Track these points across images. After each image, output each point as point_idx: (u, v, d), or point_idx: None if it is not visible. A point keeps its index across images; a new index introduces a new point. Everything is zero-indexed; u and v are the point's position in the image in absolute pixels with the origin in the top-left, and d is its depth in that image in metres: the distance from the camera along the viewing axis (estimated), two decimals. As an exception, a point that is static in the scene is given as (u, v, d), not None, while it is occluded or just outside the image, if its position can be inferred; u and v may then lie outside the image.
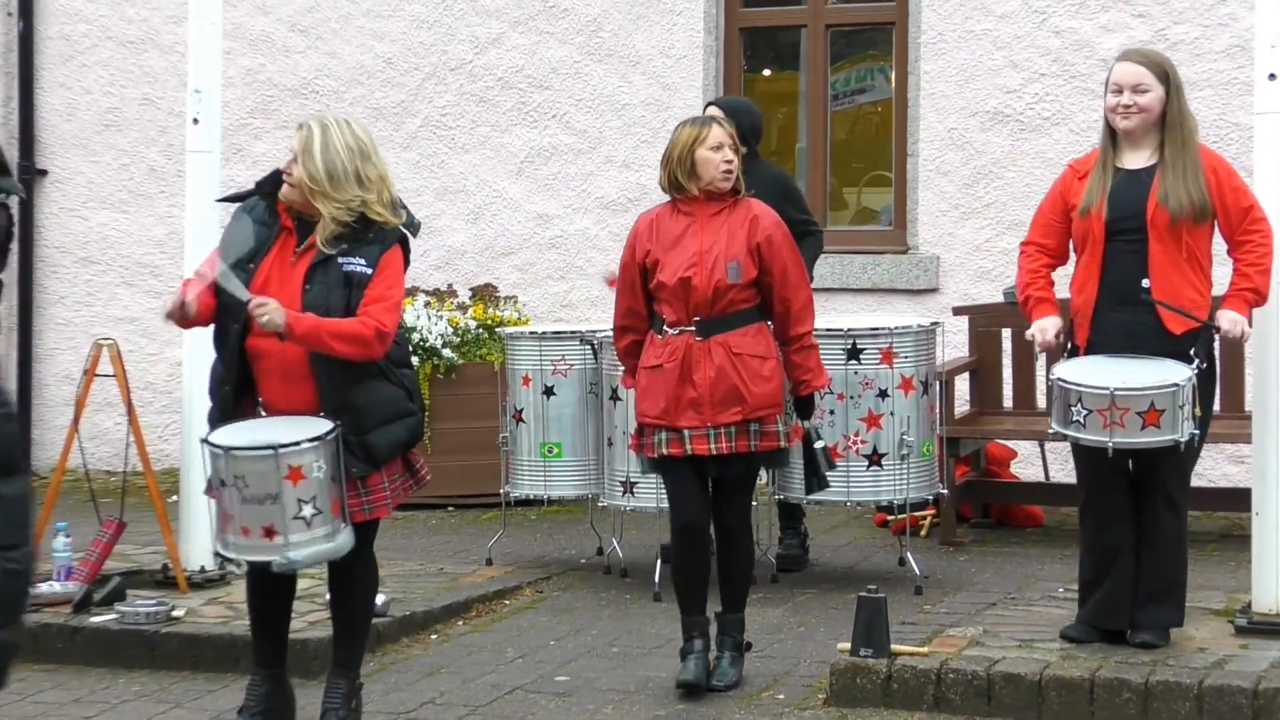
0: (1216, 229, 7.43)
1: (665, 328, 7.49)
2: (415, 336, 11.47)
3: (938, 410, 9.52)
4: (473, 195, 12.85)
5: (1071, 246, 7.56)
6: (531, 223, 12.70)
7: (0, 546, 3.86)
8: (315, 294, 6.64)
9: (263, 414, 6.76)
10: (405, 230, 6.82)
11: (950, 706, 7.14)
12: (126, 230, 13.51)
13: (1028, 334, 7.58)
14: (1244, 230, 7.37)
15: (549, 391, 9.67)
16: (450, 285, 12.33)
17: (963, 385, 11.01)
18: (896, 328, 9.25)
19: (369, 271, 6.66)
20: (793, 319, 7.50)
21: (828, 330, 9.18)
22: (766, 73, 13.11)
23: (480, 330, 11.74)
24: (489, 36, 12.75)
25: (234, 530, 6.60)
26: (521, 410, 9.74)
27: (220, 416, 6.81)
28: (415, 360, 11.35)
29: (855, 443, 9.14)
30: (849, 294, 11.96)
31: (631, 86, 12.48)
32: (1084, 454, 7.44)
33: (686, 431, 7.40)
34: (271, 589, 6.96)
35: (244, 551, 6.64)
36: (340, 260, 6.66)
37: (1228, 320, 7.34)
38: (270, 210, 6.81)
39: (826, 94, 12.41)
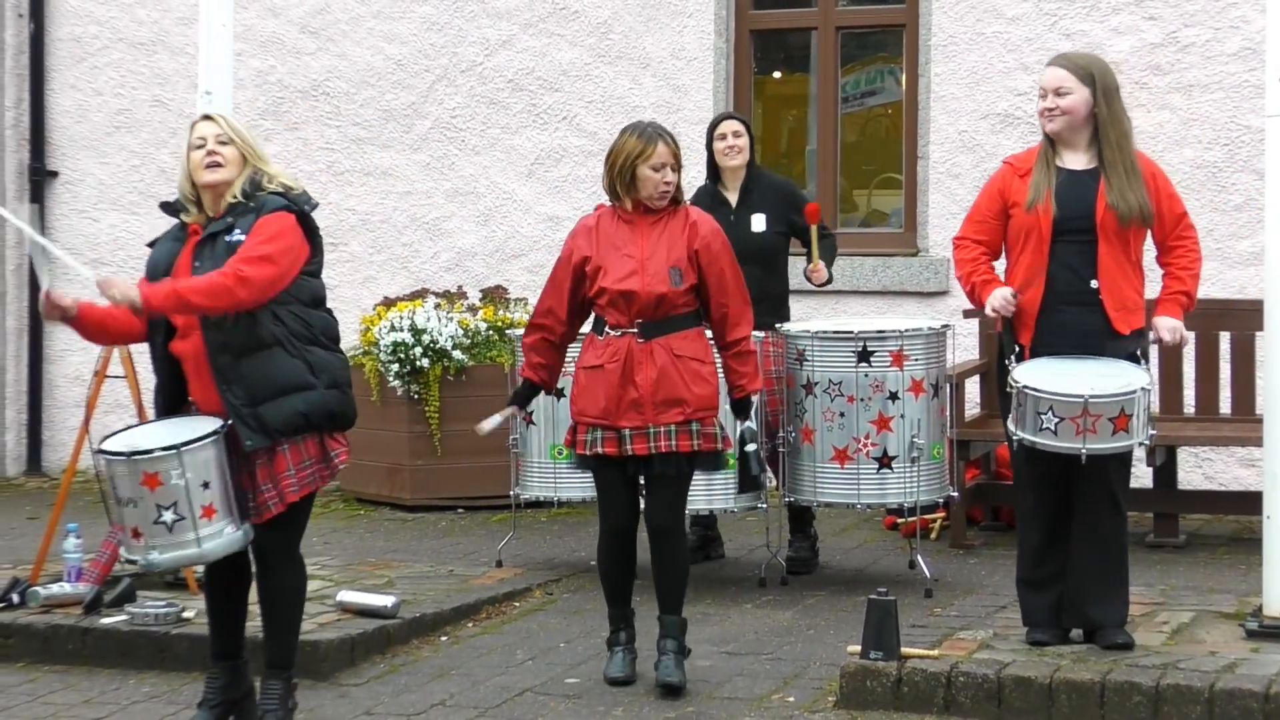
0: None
1: (606, 329, 7.58)
2: (425, 338, 11.47)
3: (948, 413, 9.51)
4: (483, 197, 12.85)
5: (1005, 246, 7.61)
6: (542, 225, 12.70)
7: None
8: (202, 268, 6.76)
9: (194, 411, 6.89)
10: (295, 203, 6.87)
11: (960, 709, 7.13)
12: (137, 232, 13.49)
13: (988, 307, 7.50)
14: (1176, 236, 7.54)
15: (559, 393, 9.64)
16: (460, 287, 12.32)
17: (973, 388, 11.01)
18: (907, 330, 9.25)
19: (244, 238, 6.75)
20: (729, 324, 7.59)
21: (838, 332, 9.19)
22: (777, 75, 13.11)
23: (490, 332, 11.74)
24: (499, 38, 12.75)
25: (123, 529, 6.77)
26: (532, 413, 9.73)
27: (158, 416, 7.02)
28: (425, 363, 11.40)
29: (865, 445, 9.14)
30: (859, 296, 11.96)
31: (642, 88, 12.48)
32: (1033, 462, 7.48)
33: (627, 431, 7.49)
34: (226, 585, 7.05)
35: (127, 550, 6.79)
36: (225, 236, 6.78)
37: (1167, 330, 7.50)
38: (182, 226, 6.98)
39: (837, 96, 12.41)
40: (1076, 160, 7.50)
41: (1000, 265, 7.68)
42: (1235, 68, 11.32)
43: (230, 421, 6.71)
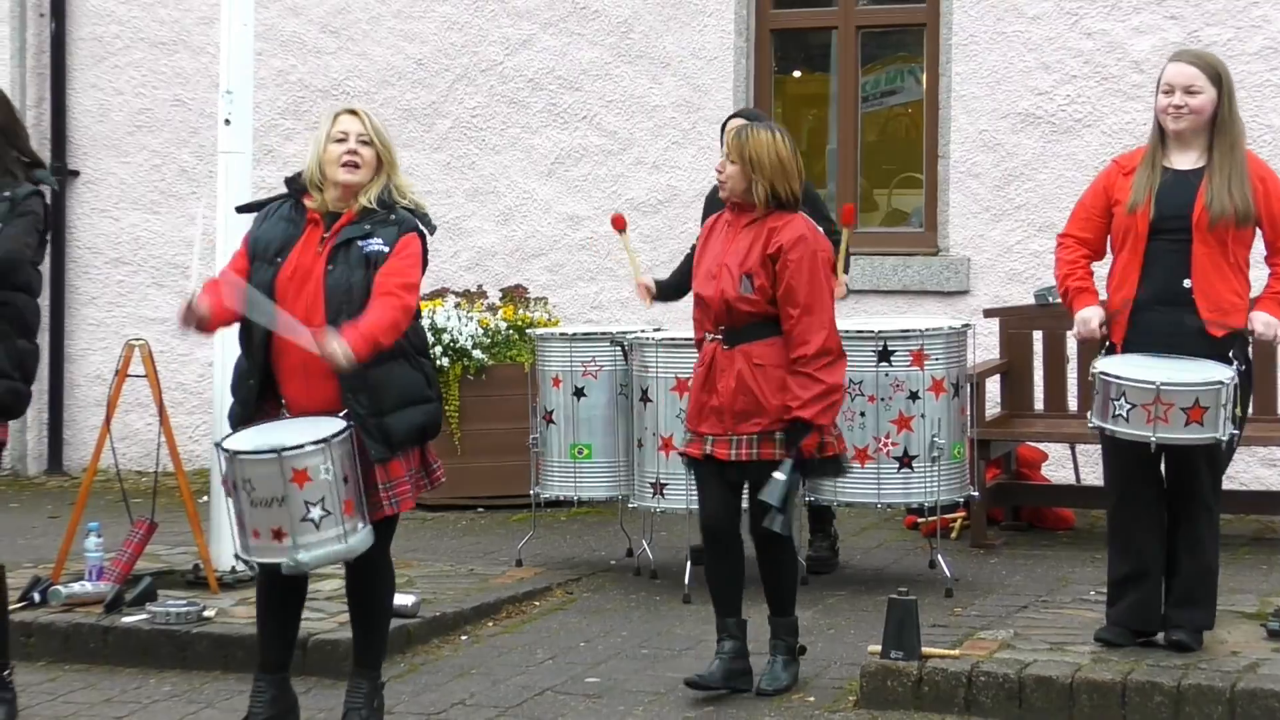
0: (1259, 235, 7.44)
1: (706, 334, 7.51)
2: (445, 337, 11.48)
3: (968, 412, 9.50)
4: (503, 196, 12.86)
5: (1109, 244, 7.55)
6: (562, 224, 12.70)
7: None
8: (338, 274, 6.70)
9: (285, 414, 6.79)
10: (423, 225, 6.86)
11: (981, 709, 7.12)
12: (158, 231, 13.54)
13: (1075, 323, 7.48)
14: None
15: (579, 393, 9.67)
16: (480, 286, 12.34)
17: (993, 387, 11.00)
18: (927, 330, 9.24)
19: (386, 250, 6.71)
20: (794, 340, 7.30)
21: (858, 332, 9.18)
22: (797, 74, 13.10)
23: (510, 331, 11.75)
24: (520, 38, 12.76)
25: (247, 532, 6.64)
26: (552, 411, 9.74)
27: (242, 413, 6.85)
28: (445, 362, 11.42)
29: (886, 445, 9.13)
30: (880, 296, 11.95)
31: (662, 88, 12.48)
32: (1117, 455, 7.42)
33: (709, 436, 7.41)
34: (282, 594, 6.96)
35: (256, 554, 6.66)
36: (360, 243, 6.72)
37: (1261, 323, 7.36)
38: (297, 208, 6.89)
39: (857, 96, 12.40)
40: (1185, 160, 7.40)
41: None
42: (1257, 67, 11.30)
43: (359, 406, 6.62)
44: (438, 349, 11.42)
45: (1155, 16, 11.49)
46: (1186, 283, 7.29)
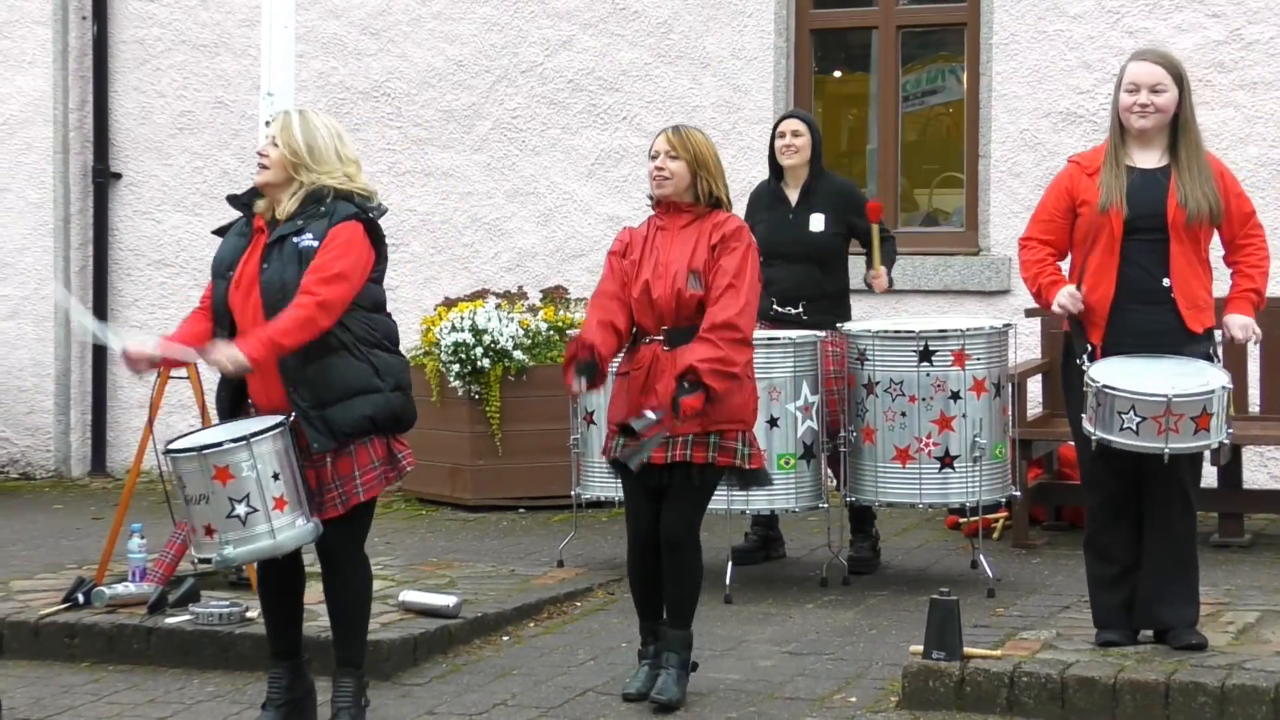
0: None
1: (641, 337, 7.46)
2: (486, 339, 11.50)
3: (1010, 412, 9.49)
4: (543, 197, 12.87)
5: (1071, 244, 7.56)
6: (602, 225, 12.70)
7: None
8: (271, 271, 6.80)
9: (254, 413, 6.91)
10: (361, 210, 6.89)
11: (1024, 710, 7.11)
12: (200, 233, 13.55)
13: (1054, 305, 7.43)
14: (1245, 234, 7.50)
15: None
16: (521, 287, 12.35)
17: (1035, 387, 10.98)
18: (968, 329, 9.23)
19: (315, 244, 6.78)
20: (708, 313, 7.24)
21: (899, 332, 9.18)
22: (837, 74, 13.09)
23: (551, 332, 11.76)
24: (559, 39, 12.77)
25: (190, 529, 6.78)
26: (593, 412, 9.75)
27: (221, 420, 7.03)
28: (486, 363, 11.42)
29: (927, 445, 9.12)
30: (921, 296, 11.93)
31: (702, 88, 12.48)
32: (1101, 458, 7.42)
33: None
34: (278, 586, 7.08)
35: (196, 549, 6.79)
36: (294, 239, 6.81)
37: (1239, 326, 7.44)
38: (248, 221, 7.02)
39: (898, 95, 12.39)
40: (1147, 159, 7.43)
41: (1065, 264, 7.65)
42: (1300, 64, 11.28)
43: (294, 415, 6.75)
44: (479, 350, 11.44)
45: (1197, 14, 11.46)
46: (1165, 281, 7.33)
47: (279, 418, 6.74)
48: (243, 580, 8.86)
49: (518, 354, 11.58)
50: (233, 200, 7.12)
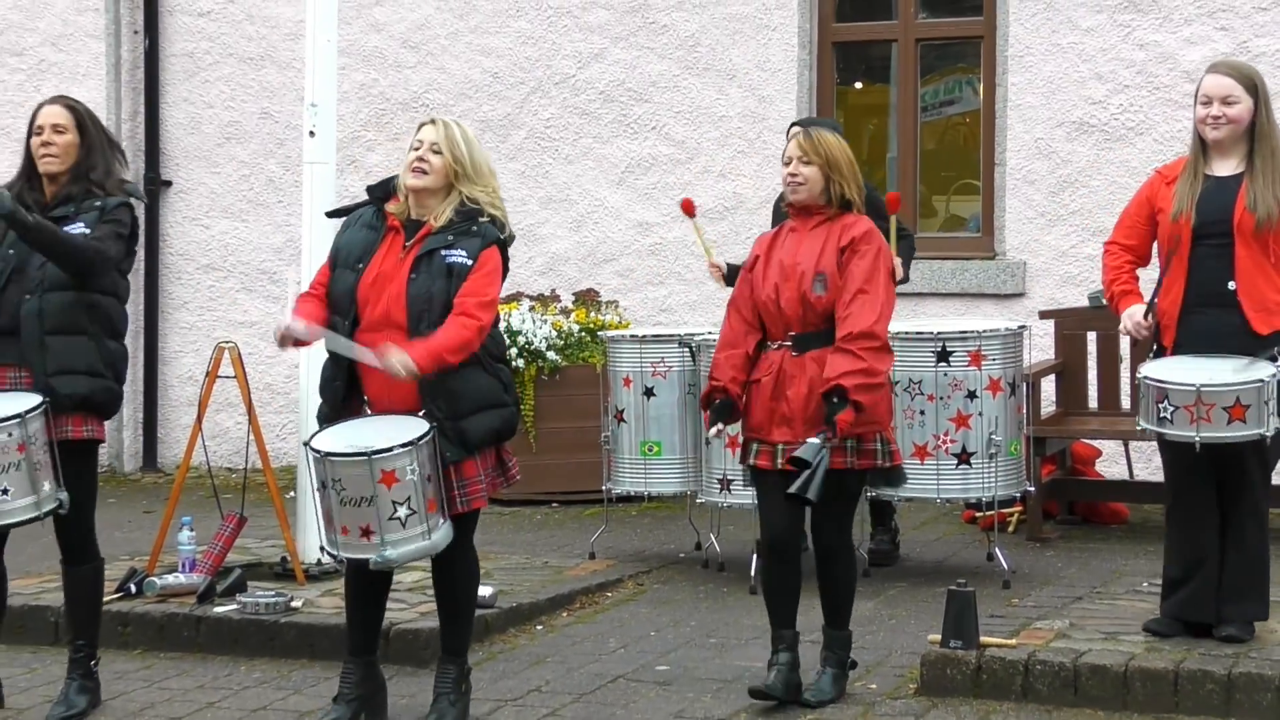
0: None
1: (768, 342, 7.17)
2: (520, 340, 11.51)
3: (1024, 410, 9.47)
4: (575, 204, 12.88)
5: (1156, 251, 7.52)
6: (632, 230, 12.71)
7: None
8: (420, 283, 6.71)
9: (368, 411, 6.81)
10: (503, 237, 6.85)
11: (1038, 697, 7.10)
12: (246, 238, 13.61)
13: (1121, 325, 7.46)
14: None
15: (649, 392, 9.68)
16: (554, 290, 12.36)
17: (1049, 386, 10.96)
18: (985, 331, 9.21)
19: (469, 263, 6.71)
20: (842, 321, 6.91)
21: (918, 333, 9.17)
22: (858, 85, 13.08)
23: (583, 334, 11.77)
24: (591, 52, 12.78)
25: (335, 529, 6.67)
26: (623, 410, 9.76)
27: (329, 412, 6.88)
28: (520, 363, 11.44)
29: (945, 442, 9.11)
30: (939, 298, 11.92)
31: (728, 99, 12.48)
32: (1172, 456, 7.37)
33: (780, 446, 7.05)
34: (368, 585, 7.01)
35: (345, 549, 6.68)
36: (444, 252, 6.73)
37: None
38: (379, 214, 6.91)
39: (916, 106, 12.37)
40: (1225, 167, 7.35)
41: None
42: (1304, 76, 11.23)
43: (438, 408, 6.65)
44: (513, 350, 11.45)
45: (1206, 28, 11.43)
46: (1231, 285, 7.24)
47: (428, 424, 6.63)
48: (287, 571, 8.88)
49: (551, 354, 11.59)
50: (371, 190, 7.00)
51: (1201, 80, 7.44)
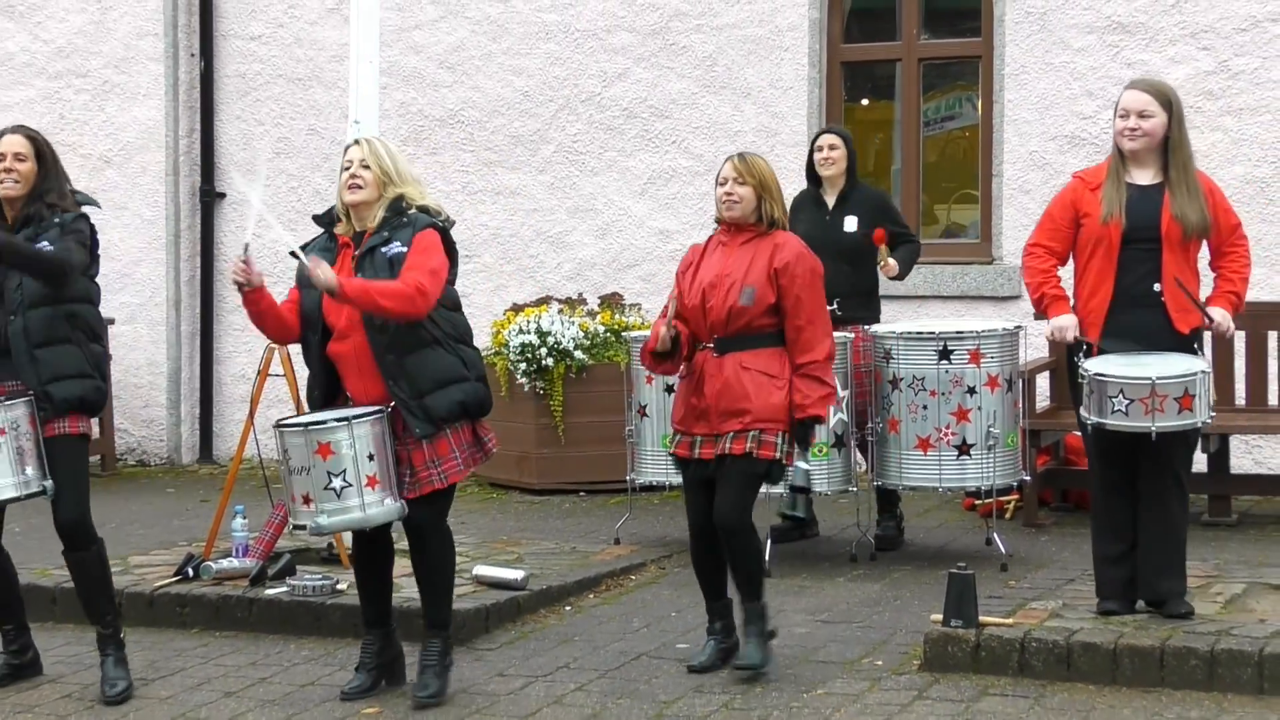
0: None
1: (694, 344, 7.35)
2: (550, 340, 11.52)
3: (1021, 405, 9.46)
4: (601, 213, 12.88)
5: (1073, 252, 7.53)
6: (654, 238, 12.71)
7: None
8: (366, 278, 6.85)
9: (350, 406, 6.95)
10: (437, 221, 6.95)
11: (1033, 672, 7.10)
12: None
13: (1045, 331, 7.52)
14: (1230, 244, 7.47)
15: (670, 389, 9.67)
16: (581, 294, 12.36)
17: (1043, 382, 10.94)
18: (983, 331, 9.21)
19: (405, 250, 6.84)
20: (801, 347, 7.14)
21: (920, 333, 9.17)
22: (865, 102, 13.06)
23: (608, 334, 11.76)
24: (615, 71, 12.78)
25: (289, 497, 6.84)
26: (645, 405, 9.76)
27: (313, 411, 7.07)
28: (549, 362, 11.45)
29: (946, 434, 9.11)
30: (940, 301, 11.91)
31: (743, 115, 12.47)
32: (1104, 447, 7.39)
33: (698, 437, 7.23)
34: (370, 560, 7.13)
35: (295, 516, 6.84)
36: (383, 249, 6.87)
37: (1219, 316, 7.40)
38: (330, 237, 7.11)
39: (919, 121, 12.36)
40: (1144, 176, 7.40)
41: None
42: (1282, 92, 11.22)
43: (393, 404, 6.80)
44: (543, 350, 11.47)
45: (1189, 48, 11.41)
46: (1156, 286, 7.30)
47: (378, 406, 6.80)
48: (333, 556, 8.90)
49: (578, 354, 11.60)
50: (317, 219, 7.21)
51: (1121, 95, 7.49)
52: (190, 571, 8.67)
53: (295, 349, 7.26)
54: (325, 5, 13.44)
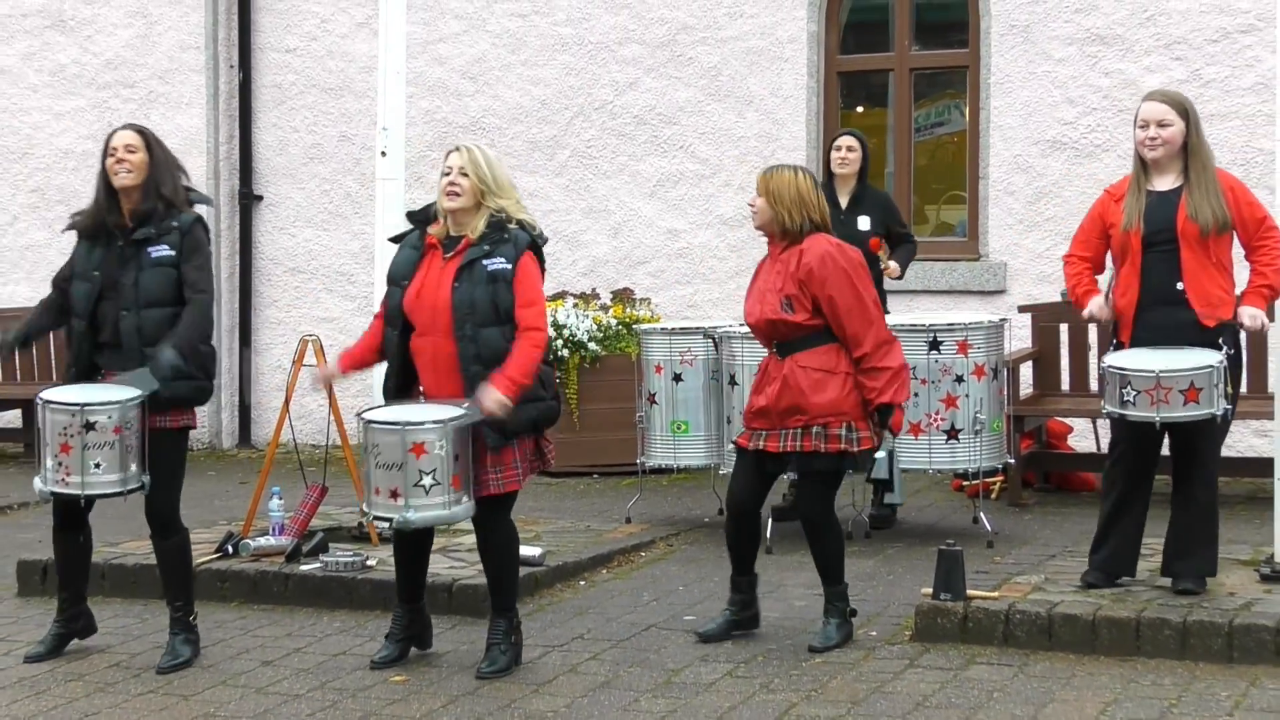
0: (1236, 239, 7.37)
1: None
2: (565, 333, 11.51)
3: (1005, 392, 9.45)
4: (613, 214, 12.87)
5: (1110, 260, 7.49)
6: (662, 237, 12.70)
7: None
8: (462, 291, 6.73)
9: (423, 399, 6.87)
10: (535, 239, 6.88)
11: (1017, 642, 7.09)
12: (327, 245, 13.64)
13: (1084, 313, 7.45)
14: (1259, 237, 7.33)
15: (678, 378, 9.68)
16: (594, 289, 12.36)
17: (1027, 371, 10.93)
18: (970, 323, 9.20)
19: (509, 267, 6.73)
20: (849, 343, 7.01)
21: (911, 325, 9.15)
22: (859, 109, 13.04)
23: (620, 327, 11.76)
24: (627, 81, 12.77)
25: (371, 489, 6.73)
26: (655, 394, 9.75)
27: (389, 402, 6.98)
28: (565, 353, 11.44)
29: (936, 420, 9.10)
30: (930, 295, 11.89)
31: (746, 122, 12.46)
32: (1127, 430, 7.35)
33: (761, 432, 7.16)
34: (411, 543, 7.08)
35: (375, 509, 6.75)
36: (485, 262, 6.75)
37: (1248, 316, 7.30)
38: (421, 236, 6.97)
39: (910, 127, 12.34)
40: (1164, 182, 7.33)
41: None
42: (1250, 99, 11.17)
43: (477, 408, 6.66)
44: (559, 342, 11.46)
45: (1163, 58, 11.38)
46: (1179, 285, 7.23)
47: (468, 410, 6.64)
48: (364, 534, 8.90)
49: (592, 345, 11.60)
50: (411, 216, 7.08)
51: (1140, 107, 7.42)
52: (230, 549, 8.67)
53: (327, 341, 7.29)
54: (355, 20, 13.43)
